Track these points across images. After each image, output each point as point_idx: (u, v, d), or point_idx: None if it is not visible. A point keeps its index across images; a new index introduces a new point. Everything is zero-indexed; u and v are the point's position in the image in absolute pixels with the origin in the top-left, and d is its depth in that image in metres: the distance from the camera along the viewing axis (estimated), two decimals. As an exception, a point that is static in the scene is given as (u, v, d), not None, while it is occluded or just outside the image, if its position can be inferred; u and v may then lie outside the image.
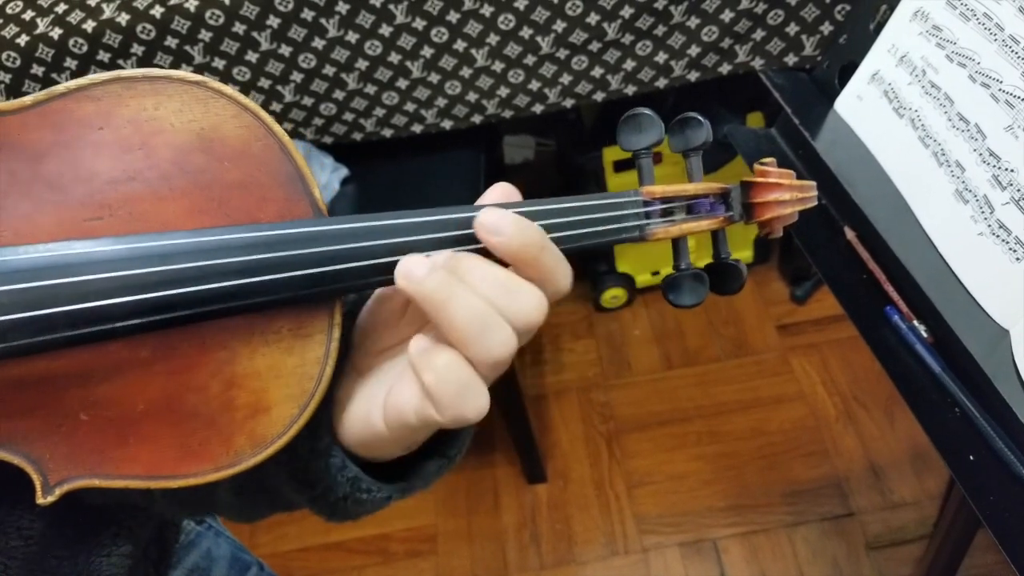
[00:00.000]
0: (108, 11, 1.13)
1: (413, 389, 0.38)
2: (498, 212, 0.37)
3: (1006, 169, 0.62)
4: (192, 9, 1.13)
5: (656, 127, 0.42)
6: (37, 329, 0.34)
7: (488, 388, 0.38)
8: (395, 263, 0.37)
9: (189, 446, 0.38)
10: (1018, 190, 0.61)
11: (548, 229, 0.40)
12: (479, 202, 0.41)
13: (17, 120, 0.37)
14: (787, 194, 0.43)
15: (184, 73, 0.38)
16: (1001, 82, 0.63)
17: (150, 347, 0.37)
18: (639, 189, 0.43)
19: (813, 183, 0.44)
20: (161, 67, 1.22)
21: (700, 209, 0.44)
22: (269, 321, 0.38)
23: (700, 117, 0.43)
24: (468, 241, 0.38)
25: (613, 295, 1.89)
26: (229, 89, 0.38)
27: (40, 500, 0.37)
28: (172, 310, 0.36)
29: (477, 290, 0.36)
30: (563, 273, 0.38)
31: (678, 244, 0.44)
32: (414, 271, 0.36)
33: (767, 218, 0.44)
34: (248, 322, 0.38)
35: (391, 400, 0.39)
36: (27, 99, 0.37)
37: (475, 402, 0.36)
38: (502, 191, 0.41)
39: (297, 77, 1.23)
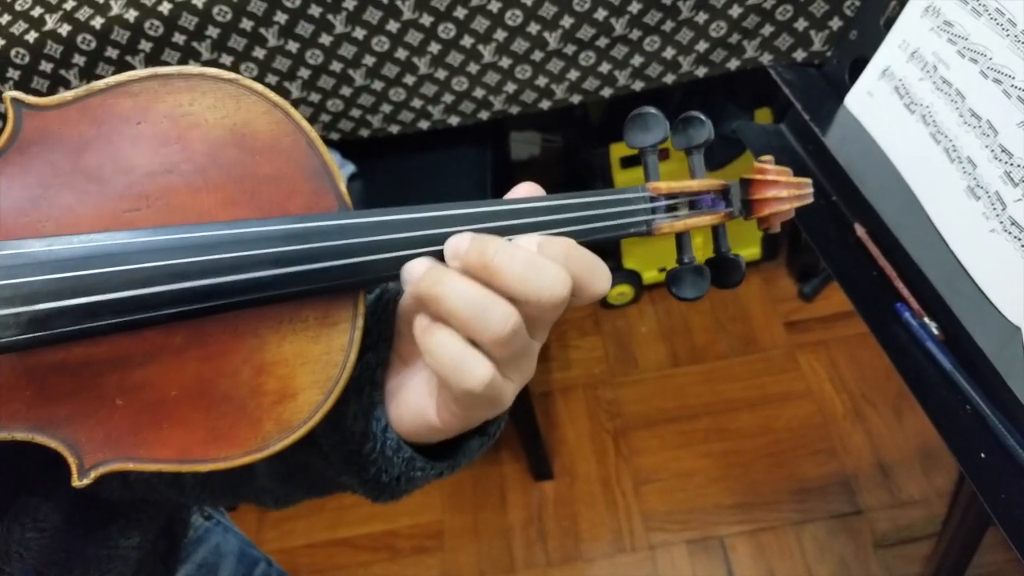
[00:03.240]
0: (116, 7, 1.13)
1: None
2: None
3: (1018, 165, 0.62)
4: (200, 5, 1.13)
5: (661, 126, 0.44)
6: (80, 316, 0.35)
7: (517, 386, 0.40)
8: (423, 255, 0.39)
9: (219, 430, 0.39)
10: (1030, 186, 0.61)
11: (562, 224, 0.42)
12: (507, 198, 0.43)
13: (58, 115, 0.38)
14: (784, 191, 0.45)
15: (218, 71, 0.40)
16: (1013, 78, 0.63)
17: (184, 334, 0.38)
18: (645, 185, 0.44)
19: (809, 180, 0.46)
20: (168, 63, 1.22)
21: (702, 205, 0.46)
22: (297, 310, 0.40)
23: (702, 116, 0.45)
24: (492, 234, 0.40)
25: (620, 292, 1.89)
26: (260, 86, 0.40)
27: (76, 483, 0.38)
28: (210, 299, 0.37)
29: (509, 271, 0.36)
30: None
31: (681, 239, 0.46)
32: (412, 271, 0.38)
33: (765, 214, 0.45)
34: (277, 311, 0.39)
35: (439, 398, 0.41)
36: (67, 94, 0.38)
37: (473, 372, 0.37)
38: (528, 188, 0.44)
39: (304, 73, 1.23)
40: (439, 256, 0.39)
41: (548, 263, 0.37)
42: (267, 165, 0.40)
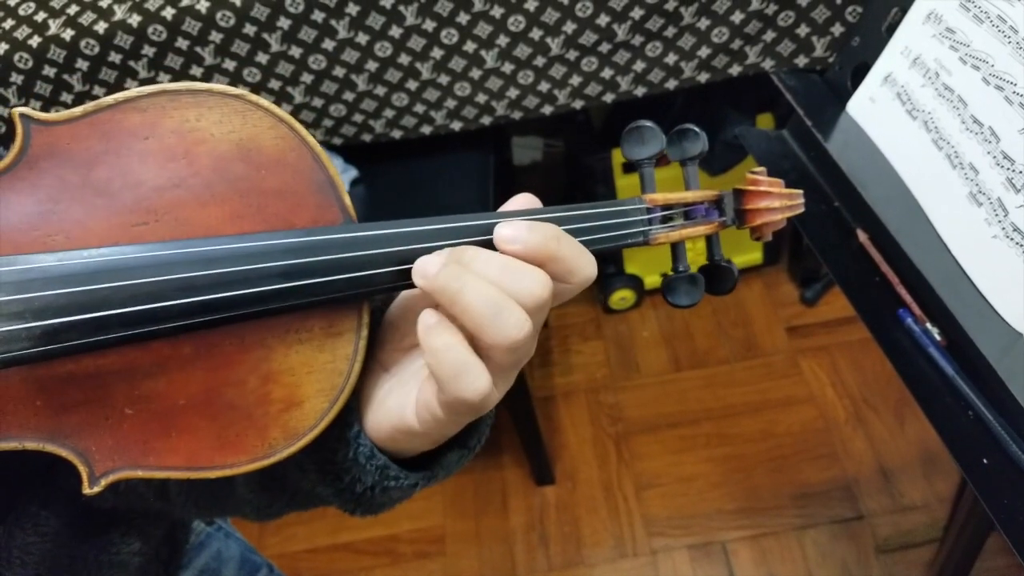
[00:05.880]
0: (119, 12, 1.14)
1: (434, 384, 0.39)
2: (512, 223, 0.39)
3: (1020, 172, 0.62)
4: (203, 10, 1.14)
5: (657, 139, 0.45)
6: (90, 329, 0.36)
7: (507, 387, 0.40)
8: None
9: (226, 438, 0.40)
10: (1032, 192, 0.61)
11: None
12: (503, 209, 0.43)
13: (67, 130, 0.39)
14: (776, 202, 0.46)
15: (224, 87, 0.40)
16: (1015, 84, 0.63)
17: (192, 344, 0.39)
18: (642, 196, 0.45)
19: (800, 191, 0.47)
20: (172, 68, 1.22)
21: (697, 215, 0.47)
22: (303, 320, 0.40)
23: (697, 129, 0.46)
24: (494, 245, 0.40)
25: (621, 297, 1.89)
26: (266, 102, 0.41)
27: (87, 491, 0.38)
28: (218, 311, 0.38)
29: (484, 275, 0.37)
30: (587, 261, 0.40)
31: (676, 248, 0.47)
32: (428, 268, 0.38)
33: (757, 224, 0.47)
34: (284, 321, 0.40)
35: (421, 396, 0.41)
36: (76, 110, 0.39)
37: (472, 383, 0.37)
38: (525, 200, 0.43)
39: (307, 78, 1.23)
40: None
41: (530, 271, 0.38)
42: (273, 179, 0.40)
